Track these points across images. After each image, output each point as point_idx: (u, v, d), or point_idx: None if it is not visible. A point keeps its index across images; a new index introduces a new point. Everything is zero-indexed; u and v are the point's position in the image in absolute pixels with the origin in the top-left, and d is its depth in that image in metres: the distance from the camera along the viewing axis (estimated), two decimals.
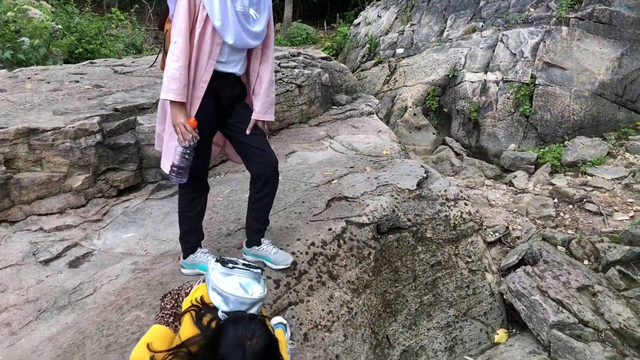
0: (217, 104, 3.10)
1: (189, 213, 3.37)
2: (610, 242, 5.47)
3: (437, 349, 4.11)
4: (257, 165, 3.25)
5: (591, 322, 3.93)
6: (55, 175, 4.33)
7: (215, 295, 2.26)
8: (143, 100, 5.24)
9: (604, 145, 7.93)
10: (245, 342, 2.00)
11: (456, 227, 4.39)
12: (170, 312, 2.53)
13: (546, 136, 8.35)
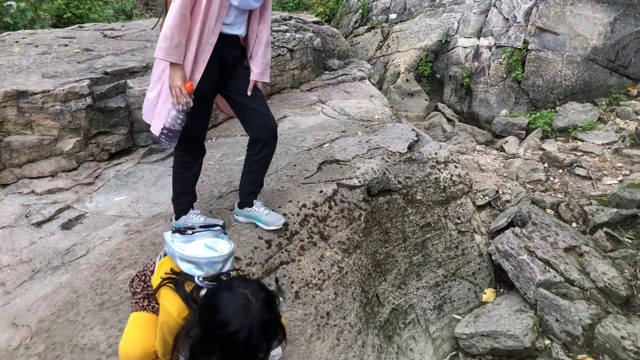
0: (222, 67, 3.11)
1: (184, 175, 3.39)
2: (599, 205, 5.54)
3: (426, 307, 4.20)
4: (257, 127, 3.26)
5: (577, 281, 4.01)
6: (45, 139, 4.31)
7: (185, 264, 2.21)
8: (133, 63, 5.19)
9: (594, 111, 7.95)
10: (247, 306, 1.95)
11: (446, 190, 4.43)
12: (142, 294, 2.49)
13: (538, 102, 8.35)
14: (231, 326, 1.90)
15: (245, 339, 1.90)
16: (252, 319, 1.92)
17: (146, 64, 5.25)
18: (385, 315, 3.90)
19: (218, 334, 1.93)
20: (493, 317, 4.05)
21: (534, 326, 3.93)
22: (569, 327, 3.80)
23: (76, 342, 2.65)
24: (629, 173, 6.45)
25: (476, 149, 7.47)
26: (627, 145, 7.11)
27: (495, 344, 3.95)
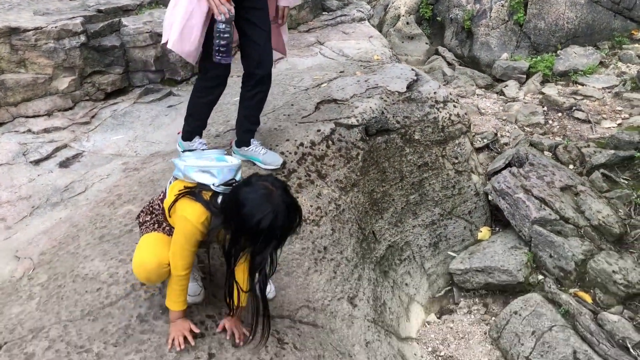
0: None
1: (198, 98, 3.36)
2: (597, 147, 5.54)
3: (421, 245, 4.26)
4: (252, 62, 3.21)
5: (572, 219, 4.06)
6: (40, 77, 4.27)
7: (200, 175, 2.24)
8: (127, 1, 5.08)
9: (596, 55, 7.85)
10: (269, 194, 2.02)
11: (444, 129, 4.43)
12: (152, 222, 2.45)
13: (539, 45, 8.23)
14: (258, 215, 1.98)
15: (273, 225, 2.00)
16: (276, 205, 2.00)
17: (140, 1, 5.14)
18: (381, 251, 3.96)
19: (246, 227, 2.02)
20: (488, 253, 4.12)
21: (528, 262, 4.00)
22: (562, 263, 3.86)
23: (77, 273, 2.70)
24: (629, 116, 6.42)
25: (476, 93, 7.41)
26: (627, 89, 7.04)
27: (489, 279, 4.03)
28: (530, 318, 3.55)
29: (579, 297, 3.68)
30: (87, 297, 2.54)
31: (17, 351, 2.27)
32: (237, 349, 2.40)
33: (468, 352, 3.70)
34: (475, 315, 4.01)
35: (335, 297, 3.22)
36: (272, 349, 2.49)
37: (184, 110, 4.50)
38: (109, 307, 2.47)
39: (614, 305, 3.63)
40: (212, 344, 2.38)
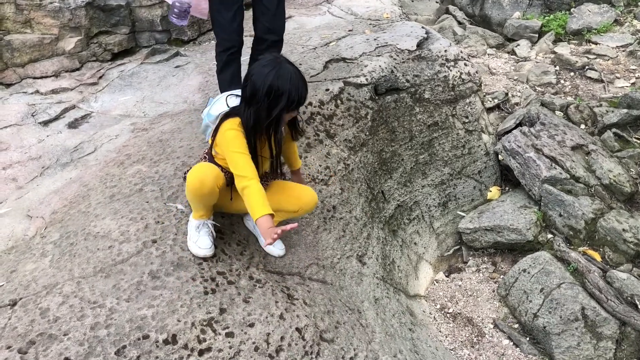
0: None
1: (217, 67, 3.31)
2: (609, 107, 5.46)
3: (430, 204, 4.26)
4: (262, 26, 3.18)
5: (582, 178, 4.03)
6: (46, 37, 4.23)
7: (216, 108, 2.52)
8: None
9: (611, 12, 7.66)
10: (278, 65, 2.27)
11: (455, 88, 4.37)
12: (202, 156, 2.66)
13: (552, 3, 8.04)
14: (280, 84, 2.23)
15: (295, 89, 2.26)
16: (287, 70, 2.27)
17: None
18: (390, 211, 3.96)
19: (262, 92, 2.24)
20: (497, 212, 4.12)
21: (538, 221, 3.99)
22: (572, 222, 3.85)
23: (89, 231, 2.72)
24: None
25: (487, 53, 7.28)
26: None
27: (498, 238, 4.03)
28: (538, 276, 3.56)
29: (588, 255, 3.68)
30: (99, 254, 2.56)
31: (32, 306, 2.31)
32: (248, 304, 2.43)
33: (476, 309, 3.73)
34: (483, 273, 4.04)
35: (345, 255, 3.24)
36: (283, 304, 2.53)
37: (191, 70, 4.50)
38: (121, 264, 2.50)
39: (623, 263, 3.63)
40: (224, 300, 2.41)
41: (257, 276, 2.65)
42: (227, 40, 3.16)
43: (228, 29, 3.12)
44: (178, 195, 2.89)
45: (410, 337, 3.12)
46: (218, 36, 3.17)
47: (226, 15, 3.07)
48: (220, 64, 3.25)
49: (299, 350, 2.41)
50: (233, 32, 3.14)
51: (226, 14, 3.06)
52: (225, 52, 3.19)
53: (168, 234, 2.65)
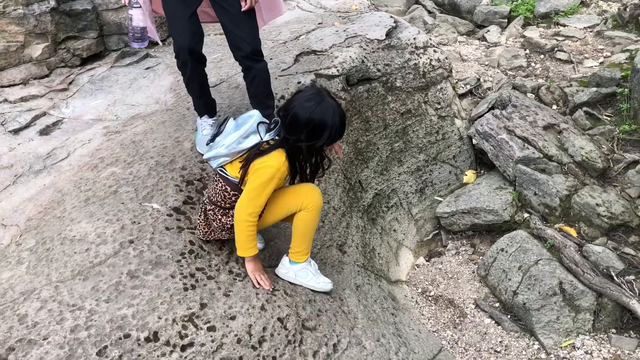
0: None
1: (183, 79, 3.18)
2: (579, 86, 5.55)
3: (407, 191, 4.30)
4: (232, 48, 3.04)
5: (555, 156, 4.10)
6: (12, 45, 4.18)
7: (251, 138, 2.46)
8: None
9: None
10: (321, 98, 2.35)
11: (425, 75, 4.41)
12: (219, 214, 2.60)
13: None
14: (323, 119, 2.31)
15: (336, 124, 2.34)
16: (330, 105, 2.34)
17: None
18: (368, 199, 3.99)
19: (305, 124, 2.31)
20: (473, 195, 4.17)
21: (513, 201, 4.05)
22: (547, 200, 3.92)
23: (65, 235, 2.70)
24: (610, 54, 6.41)
25: (458, 40, 7.36)
26: (609, 27, 7.02)
27: (475, 220, 4.09)
28: (516, 254, 3.62)
29: (564, 232, 3.74)
30: (76, 257, 2.55)
31: (9, 313, 2.29)
32: (228, 297, 2.44)
33: (457, 291, 3.78)
34: (463, 255, 4.09)
35: (325, 245, 3.26)
36: (264, 296, 2.54)
37: (162, 71, 4.48)
38: (99, 266, 2.49)
39: (598, 237, 3.70)
40: (204, 295, 2.42)
41: (237, 270, 2.66)
42: (184, 57, 2.98)
43: (180, 41, 2.94)
44: (153, 195, 2.89)
45: (393, 321, 3.15)
46: (175, 50, 3.02)
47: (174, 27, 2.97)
48: (181, 70, 3.11)
49: (282, 340, 2.43)
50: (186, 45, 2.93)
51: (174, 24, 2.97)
52: (183, 66, 3.03)
53: (145, 233, 2.65)
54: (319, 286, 2.85)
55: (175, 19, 2.94)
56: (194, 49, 2.95)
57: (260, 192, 2.41)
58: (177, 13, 2.94)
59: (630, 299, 3.20)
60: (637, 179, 3.99)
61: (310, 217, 2.63)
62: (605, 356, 3.18)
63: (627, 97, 4.88)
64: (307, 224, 2.65)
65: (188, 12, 2.94)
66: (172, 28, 3.00)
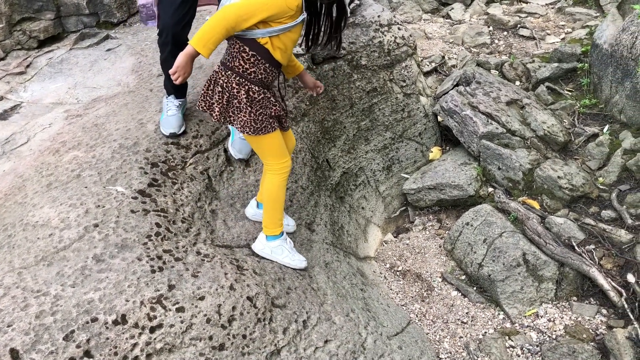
0: None
1: (160, 55, 3.14)
2: (541, 62, 5.65)
3: (375, 169, 4.33)
4: None
5: (518, 131, 4.17)
6: None
7: None
8: None
9: None
10: None
11: (390, 53, 4.41)
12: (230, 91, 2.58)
13: None
14: None
15: None
16: None
17: None
18: (336, 178, 4.01)
19: None
20: (439, 171, 4.22)
21: (478, 176, 4.12)
22: (511, 174, 4.00)
23: (27, 221, 2.65)
24: (571, 30, 6.53)
25: (422, 18, 7.38)
26: (569, 4, 7.14)
27: (441, 195, 4.15)
28: (481, 227, 3.69)
29: (527, 204, 3.83)
30: (40, 243, 2.51)
31: None
32: (197, 278, 2.44)
33: (424, 265, 3.85)
34: (430, 231, 4.15)
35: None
36: (232, 275, 2.54)
37: (123, 52, 4.39)
38: (63, 251, 2.45)
39: (560, 209, 3.80)
40: (172, 276, 2.41)
41: (204, 251, 2.65)
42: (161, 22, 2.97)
43: (169, 24, 2.92)
44: (117, 178, 2.85)
45: (362, 296, 3.19)
46: (160, 31, 2.99)
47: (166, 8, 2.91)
48: (161, 49, 3.08)
49: (252, 318, 2.44)
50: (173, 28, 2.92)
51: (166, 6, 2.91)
52: (160, 36, 3.01)
53: (110, 217, 2.61)
54: (294, 263, 2.91)
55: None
56: (177, 34, 2.93)
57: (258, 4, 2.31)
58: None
59: (590, 267, 3.31)
60: (596, 151, 4.10)
61: (279, 181, 2.70)
62: (567, 323, 3.29)
63: (587, 72, 4.98)
64: (276, 190, 2.73)
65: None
66: (162, 5, 2.94)
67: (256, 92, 2.53)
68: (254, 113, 2.54)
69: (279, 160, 2.70)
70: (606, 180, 3.90)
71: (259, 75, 2.51)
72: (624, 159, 3.92)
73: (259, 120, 2.56)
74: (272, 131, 2.61)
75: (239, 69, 2.50)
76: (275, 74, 2.61)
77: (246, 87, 2.51)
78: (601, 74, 4.63)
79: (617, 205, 3.66)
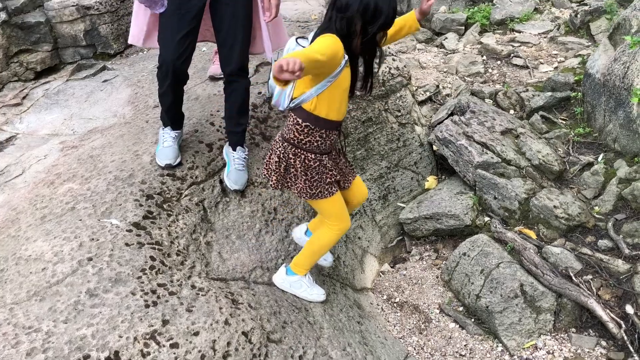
0: None
1: (159, 88, 3.07)
2: (535, 91, 5.70)
3: (371, 198, 4.32)
4: (221, 59, 3.09)
5: (513, 160, 4.18)
6: None
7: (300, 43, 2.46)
8: None
9: (531, 2, 8.00)
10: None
11: (385, 83, 4.45)
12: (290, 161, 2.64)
13: None
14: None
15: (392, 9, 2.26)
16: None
17: None
18: None
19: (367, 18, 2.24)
20: (435, 200, 4.22)
21: (474, 205, 4.12)
22: (506, 203, 4.00)
23: (20, 255, 2.63)
24: (564, 59, 6.61)
25: (417, 48, 7.46)
26: (562, 33, 7.23)
27: (437, 225, 4.14)
28: (478, 258, 3.67)
29: (523, 234, 3.82)
30: (32, 278, 2.48)
31: None
32: (191, 313, 2.41)
33: (422, 296, 3.82)
34: (427, 261, 4.13)
35: (289, 256, 3.25)
36: (227, 310, 2.52)
37: (119, 83, 4.41)
38: (56, 286, 2.43)
39: (556, 238, 3.79)
40: (166, 311, 2.38)
41: (199, 285, 2.62)
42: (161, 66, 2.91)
43: (167, 53, 2.86)
44: (112, 210, 2.83)
45: (359, 329, 3.16)
46: (159, 59, 2.94)
47: (165, 33, 2.88)
48: (159, 82, 3.02)
49: (247, 354, 2.41)
50: (172, 58, 2.85)
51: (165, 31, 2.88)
52: (159, 70, 2.95)
53: (104, 250, 2.60)
54: (312, 297, 3.00)
55: (167, 30, 2.86)
56: (177, 69, 2.89)
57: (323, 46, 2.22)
58: (170, 25, 2.85)
59: (588, 298, 3.28)
60: (592, 180, 4.11)
61: (331, 239, 2.80)
62: (566, 355, 3.25)
63: (581, 101, 5.02)
64: (324, 244, 2.84)
65: (182, 29, 2.84)
66: (161, 38, 2.91)
67: (312, 159, 2.58)
68: (309, 180, 2.61)
69: (336, 222, 2.76)
70: (602, 209, 3.90)
71: (314, 143, 2.55)
72: (619, 188, 3.93)
73: (314, 187, 2.62)
74: (328, 196, 2.66)
75: (294, 141, 2.57)
76: (334, 137, 2.62)
77: (302, 156, 2.57)
78: (594, 102, 4.67)
79: (614, 235, 3.65)
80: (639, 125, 4.02)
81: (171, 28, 2.84)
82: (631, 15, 4.61)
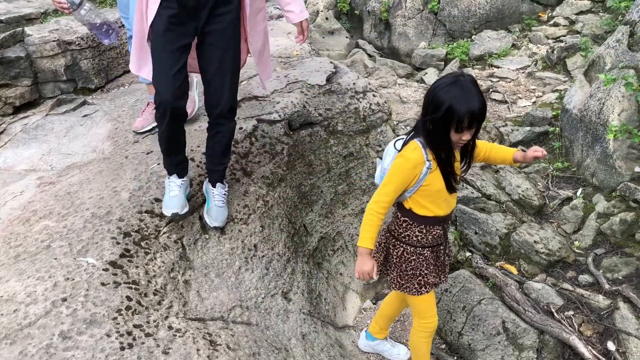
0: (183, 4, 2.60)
1: (158, 129, 2.92)
2: (514, 125, 5.79)
3: (353, 233, 4.30)
4: (208, 102, 2.93)
5: (493, 195, 4.22)
6: None
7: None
8: (29, 9, 4.87)
9: (509, 38, 8.20)
10: (460, 81, 2.25)
11: (366, 119, 4.48)
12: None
13: (454, 32, 8.51)
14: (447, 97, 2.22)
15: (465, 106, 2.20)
16: (461, 85, 2.23)
17: (44, 10, 4.93)
18: (313, 243, 3.97)
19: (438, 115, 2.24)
20: None
21: (455, 240, 4.12)
22: (487, 238, 4.01)
23: None
24: (542, 94, 6.75)
25: (397, 82, 7.57)
26: (539, 69, 7.40)
27: None
28: (460, 294, 3.66)
29: (505, 269, 3.82)
30: (3, 320, 2.40)
31: None
32: (168, 355, 2.34)
33: (404, 334, 3.77)
34: None
35: (269, 294, 3.20)
36: (205, 351, 2.46)
37: (99, 118, 4.38)
38: (28, 328, 2.36)
39: (537, 273, 3.80)
40: (142, 353, 2.32)
41: (176, 325, 2.57)
42: (160, 105, 2.73)
43: (163, 89, 2.70)
44: (88, 248, 2.78)
45: None
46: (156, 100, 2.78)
47: (157, 69, 2.74)
48: (158, 122, 2.87)
49: None
50: (168, 94, 2.68)
51: (157, 68, 2.73)
52: (157, 110, 2.78)
53: (79, 290, 2.53)
54: (399, 357, 3.34)
55: (161, 67, 2.70)
56: (176, 108, 2.74)
57: (389, 181, 2.43)
58: (163, 60, 2.70)
59: (570, 334, 3.27)
60: (571, 215, 4.15)
61: (421, 342, 2.92)
62: None
63: (559, 136, 5.11)
64: (422, 354, 2.97)
65: (176, 63, 2.69)
66: (156, 77, 2.74)
67: (410, 252, 2.62)
68: (402, 271, 2.66)
69: (422, 319, 2.83)
70: (582, 244, 3.93)
71: (413, 237, 2.59)
72: (598, 223, 3.97)
73: (404, 278, 2.68)
74: (416, 295, 2.71)
75: (394, 232, 2.66)
76: (436, 231, 2.60)
77: (401, 248, 2.64)
78: (572, 137, 4.75)
79: (594, 270, 3.67)
80: (615, 161, 4.09)
81: (166, 65, 2.69)
82: (605, 52, 4.73)
